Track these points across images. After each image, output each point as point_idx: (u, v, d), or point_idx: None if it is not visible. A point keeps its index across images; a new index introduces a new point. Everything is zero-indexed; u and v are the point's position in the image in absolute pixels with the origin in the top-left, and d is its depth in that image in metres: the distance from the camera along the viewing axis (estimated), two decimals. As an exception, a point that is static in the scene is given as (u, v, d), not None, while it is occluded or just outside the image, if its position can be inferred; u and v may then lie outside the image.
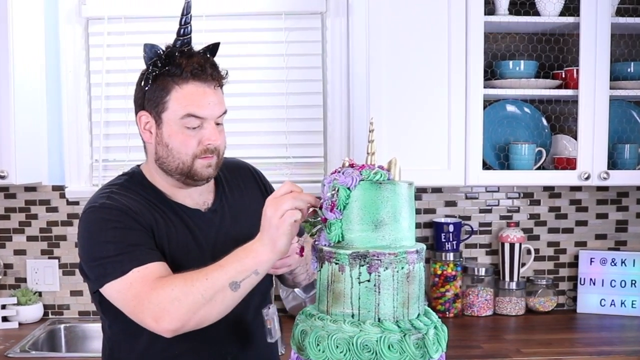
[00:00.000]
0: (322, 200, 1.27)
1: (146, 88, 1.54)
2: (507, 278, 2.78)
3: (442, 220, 2.80)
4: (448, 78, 2.45)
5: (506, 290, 2.78)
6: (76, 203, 2.76)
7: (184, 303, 1.36)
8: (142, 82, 1.55)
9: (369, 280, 1.20)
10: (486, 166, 2.57)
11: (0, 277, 2.76)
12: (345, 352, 1.18)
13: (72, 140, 2.77)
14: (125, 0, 2.73)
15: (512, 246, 2.77)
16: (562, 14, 2.53)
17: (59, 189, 2.77)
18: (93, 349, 2.62)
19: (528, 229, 2.87)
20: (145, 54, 1.54)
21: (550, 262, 2.90)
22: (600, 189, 2.86)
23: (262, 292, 1.64)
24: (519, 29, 2.72)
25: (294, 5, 2.75)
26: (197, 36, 1.60)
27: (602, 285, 2.79)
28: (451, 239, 2.76)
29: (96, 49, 2.76)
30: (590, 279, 2.81)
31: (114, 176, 1.66)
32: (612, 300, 2.78)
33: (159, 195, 1.59)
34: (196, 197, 1.63)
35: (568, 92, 2.53)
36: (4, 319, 2.62)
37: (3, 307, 2.64)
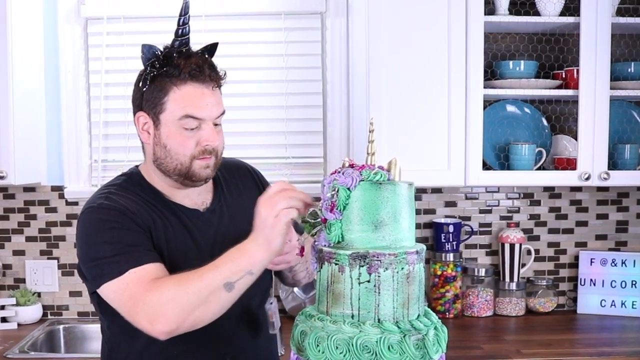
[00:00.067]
0: (322, 200, 1.27)
1: (144, 89, 1.53)
2: (507, 279, 2.78)
3: (442, 220, 2.79)
4: (448, 78, 2.45)
5: (506, 290, 2.77)
6: (75, 203, 2.75)
7: (178, 304, 1.35)
8: (140, 82, 1.55)
9: (368, 281, 1.20)
10: (486, 166, 2.56)
11: (-1, 277, 2.77)
12: (345, 353, 1.17)
13: (71, 141, 2.76)
14: (124, 1, 2.73)
15: (512, 247, 2.77)
16: (562, 14, 2.52)
17: (58, 189, 2.77)
18: (92, 350, 2.62)
19: (528, 229, 2.87)
20: (143, 55, 1.53)
21: (551, 263, 2.89)
22: (600, 189, 2.86)
23: (262, 292, 1.64)
24: (519, 29, 2.71)
25: (294, 5, 2.75)
26: (196, 36, 1.59)
27: (603, 285, 2.79)
28: (451, 240, 2.76)
29: (95, 49, 2.76)
30: (591, 280, 2.80)
31: (113, 176, 1.66)
32: (613, 301, 2.77)
33: (157, 195, 1.59)
34: (195, 197, 1.62)
35: (568, 92, 2.53)
36: (3, 320, 2.61)
37: (2, 307, 2.63)
